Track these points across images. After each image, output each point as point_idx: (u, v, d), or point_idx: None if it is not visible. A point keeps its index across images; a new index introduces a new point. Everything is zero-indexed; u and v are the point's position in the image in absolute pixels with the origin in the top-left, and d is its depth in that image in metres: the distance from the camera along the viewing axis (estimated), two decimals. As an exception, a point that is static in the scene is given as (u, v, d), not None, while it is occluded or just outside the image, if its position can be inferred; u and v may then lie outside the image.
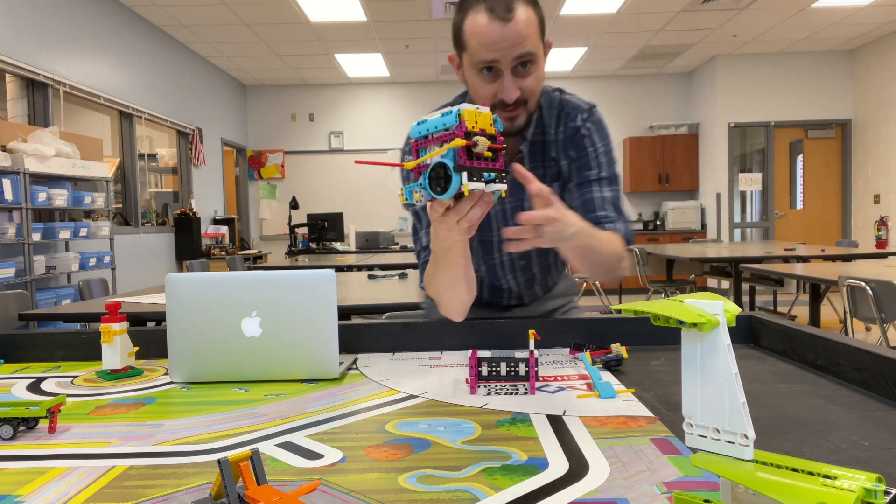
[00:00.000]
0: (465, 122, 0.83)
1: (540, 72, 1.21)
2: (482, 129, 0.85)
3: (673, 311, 0.40)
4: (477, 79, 1.19)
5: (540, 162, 1.34)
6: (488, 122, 0.86)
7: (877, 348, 0.91)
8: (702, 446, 0.41)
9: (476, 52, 1.16)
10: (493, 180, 0.86)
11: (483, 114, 0.86)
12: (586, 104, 1.37)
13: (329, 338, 1.04)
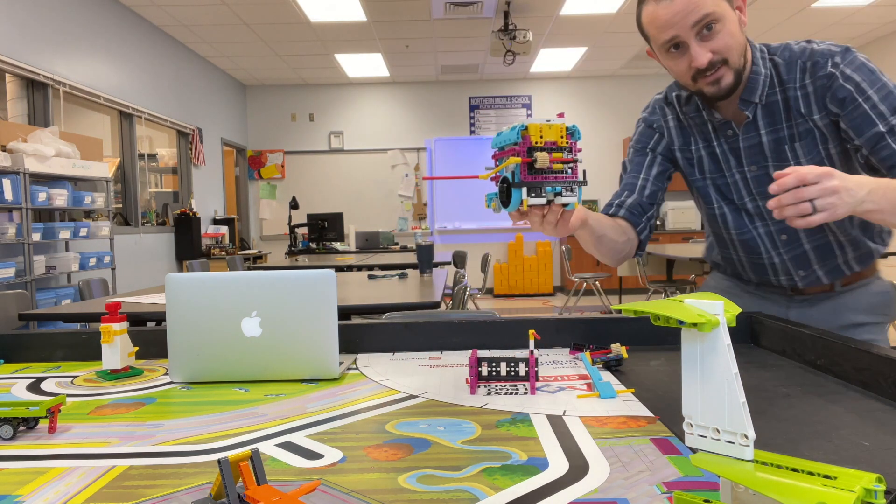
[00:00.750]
0: (528, 137, 0.85)
1: (729, 27, 1.17)
2: (552, 142, 0.85)
3: (673, 311, 0.40)
4: (668, 60, 1.22)
5: (782, 123, 1.24)
6: (558, 133, 0.86)
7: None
8: (702, 446, 0.41)
9: (656, 36, 1.20)
10: (559, 193, 0.87)
11: (553, 126, 0.86)
12: (838, 48, 1.21)
13: (329, 338, 1.04)
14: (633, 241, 1.35)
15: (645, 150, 1.41)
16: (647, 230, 1.37)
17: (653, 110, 1.42)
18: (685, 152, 1.38)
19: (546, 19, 6.65)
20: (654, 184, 1.37)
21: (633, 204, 1.36)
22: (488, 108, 9.33)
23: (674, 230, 8.78)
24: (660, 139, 1.40)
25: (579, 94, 9.31)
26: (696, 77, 1.20)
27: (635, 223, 1.35)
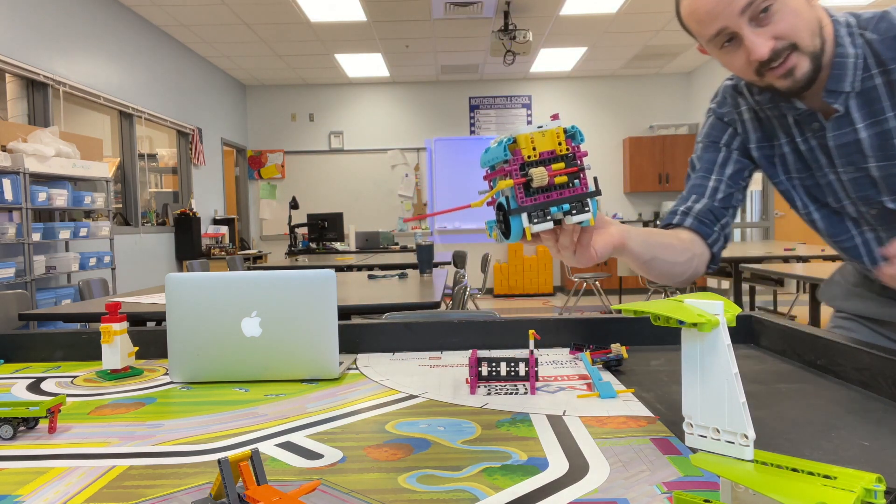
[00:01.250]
0: (519, 151, 0.74)
1: (792, 4, 0.95)
2: (548, 153, 0.74)
3: (673, 311, 0.40)
4: (723, 56, 1.01)
5: (886, 112, 1.00)
6: (554, 140, 0.74)
7: (877, 348, 0.91)
8: (702, 446, 0.41)
9: (702, 32, 1.00)
10: (569, 211, 0.75)
11: (547, 132, 0.74)
12: None
13: (329, 338, 1.04)
14: (701, 257, 1.13)
15: (717, 146, 1.19)
16: (722, 240, 1.16)
17: (722, 100, 1.20)
18: (764, 149, 1.15)
19: (546, 19, 6.65)
20: (728, 185, 1.15)
21: (703, 210, 1.15)
22: (488, 108, 9.33)
23: (674, 230, 8.78)
24: (733, 134, 1.18)
25: (579, 94, 9.31)
26: (760, 71, 0.98)
27: (705, 233, 1.14)
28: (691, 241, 1.12)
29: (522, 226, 0.75)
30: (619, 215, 9.22)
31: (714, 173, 1.17)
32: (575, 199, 0.75)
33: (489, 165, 0.80)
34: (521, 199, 0.74)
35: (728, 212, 1.17)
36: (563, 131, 0.75)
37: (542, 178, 0.73)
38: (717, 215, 1.15)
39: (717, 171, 1.17)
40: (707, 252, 1.15)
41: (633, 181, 9.06)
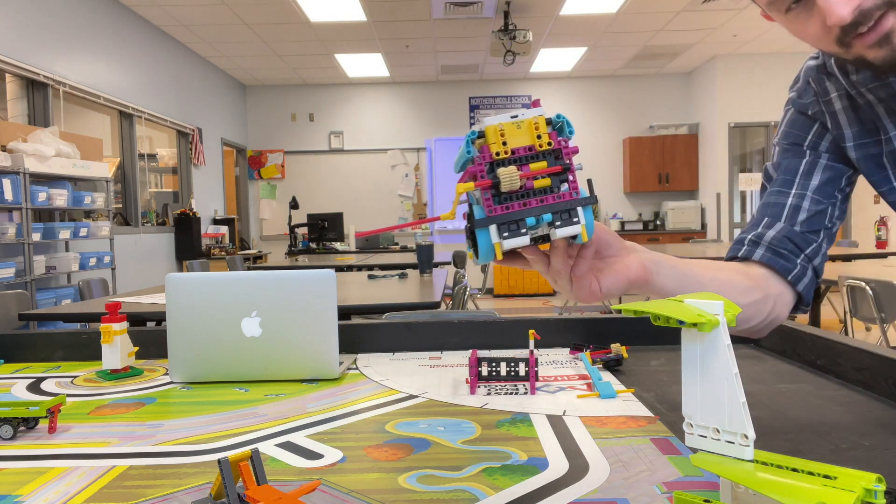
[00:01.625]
0: (487, 147, 0.58)
1: None
2: (525, 148, 0.58)
3: (673, 310, 0.40)
4: (792, 23, 0.75)
5: None
6: (532, 133, 0.59)
7: (877, 348, 0.91)
8: (702, 446, 0.41)
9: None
10: (552, 223, 0.59)
11: (523, 123, 0.59)
12: None
13: (329, 338, 1.04)
14: (780, 298, 0.85)
15: (799, 149, 0.91)
16: (811, 275, 0.86)
17: (804, 87, 0.91)
18: (867, 147, 0.86)
19: (546, 19, 6.65)
20: (816, 201, 0.87)
21: (778, 238, 0.86)
22: (488, 108, 9.33)
23: (674, 230, 8.78)
24: (821, 131, 0.89)
25: (579, 94, 9.31)
26: (843, 40, 0.70)
27: (783, 268, 0.85)
28: (764, 277, 0.85)
29: (490, 241, 0.59)
30: (619, 215, 9.22)
31: (795, 187, 0.89)
32: (559, 207, 0.59)
33: (460, 167, 0.64)
34: (488, 207, 0.58)
35: (818, 236, 0.87)
36: (546, 122, 0.59)
37: (511, 181, 0.57)
38: (800, 243, 0.86)
39: (799, 183, 0.89)
40: (789, 292, 0.85)
41: (634, 181, 9.06)
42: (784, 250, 0.86)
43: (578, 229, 0.59)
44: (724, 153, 8.36)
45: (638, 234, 8.83)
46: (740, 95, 8.30)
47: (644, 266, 0.71)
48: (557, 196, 0.59)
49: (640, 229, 8.91)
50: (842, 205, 0.90)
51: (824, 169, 0.89)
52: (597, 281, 0.68)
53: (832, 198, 0.88)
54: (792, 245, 0.86)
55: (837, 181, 0.89)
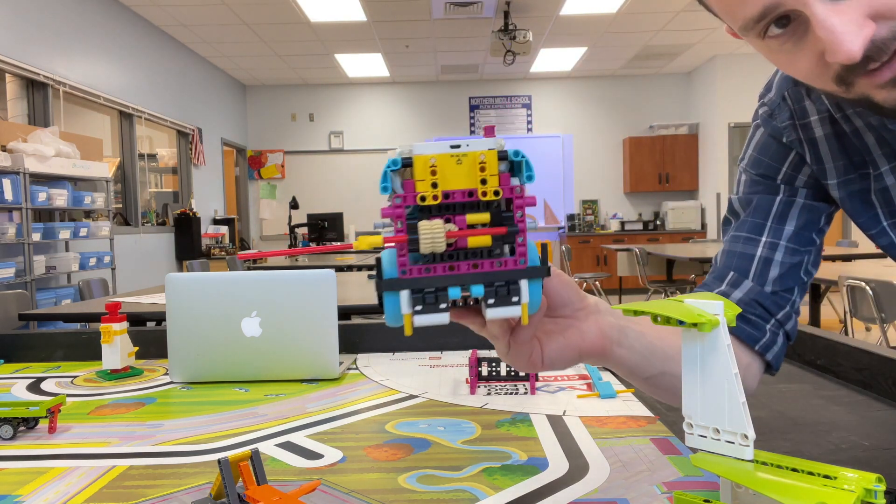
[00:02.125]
0: (412, 185, 0.44)
1: None
2: (463, 193, 0.44)
3: (673, 310, 0.40)
4: (774, 53, 0.56)
5: None
6: (474, 173, 0.44)
7: (877, 348, 0.91)
8: (702, 446, 0.41)
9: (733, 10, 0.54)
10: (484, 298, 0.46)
11: (466, 158, 0.44)
12: None
13: (329, 338, 1.04)
14: (748, 370, 0.71)
15: (772, 183, 0.75)
16: (781, 342, 0.72)
17: (778, 102, 0.74)
18: (851, 184, 0.70)
19: (546, 19, 6.65)
20: (792, 250, 0.73)
21: (747, 301, 0.72)
22: (488, 108, 9.33)
23: (674, 230, 8.79)
24: (798, 163, 0.73)
25: (579, 94, 9.31)
26: (845, 78, 0.53)
27: (752, 338, 0.71)
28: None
29: (399, 310, 0.45)
30: (619, 215, 9.22)
31: (766, 233, 0.74)
32: (496, 278, 0.45)
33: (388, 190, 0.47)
34: (401, 266, 0.44)
35: (791, 294, 0.73)
36: (500, 157, 0.45)
37: (434, 241, 0.43)
38: (771, 307, 0.72)
39: (770, 228, 0.74)
40: (757, 362, 0.72)
41: (634, 181, 9.06)
42: (752, 315, 0.72)
43: (517, 311, 0.46)
44: (724, 153, 8.36)
45: (638, 233, 8.83)
46: (740, 95, 8.30)
47: (604, 334, 0.58)
48: (498, 262, 0.45)
49: (640, 229, 8.91)
50: (819, 248, 0.76)
51: (801, 210, 0.74)
52: (540, 348, 0.55)
53: (809, 244, 0.74)
54: (761, 310, 0.72)
55: (816, 222, 0.74)
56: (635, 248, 6.04)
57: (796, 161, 0.74)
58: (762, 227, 0.74)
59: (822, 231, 0.75)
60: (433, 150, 0.44)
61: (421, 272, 0.45)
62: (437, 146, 0.45)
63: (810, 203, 0.74)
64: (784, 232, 0.73)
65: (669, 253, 5.46)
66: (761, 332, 0.72)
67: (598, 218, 9.26)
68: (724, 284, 0.74)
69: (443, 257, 0.45)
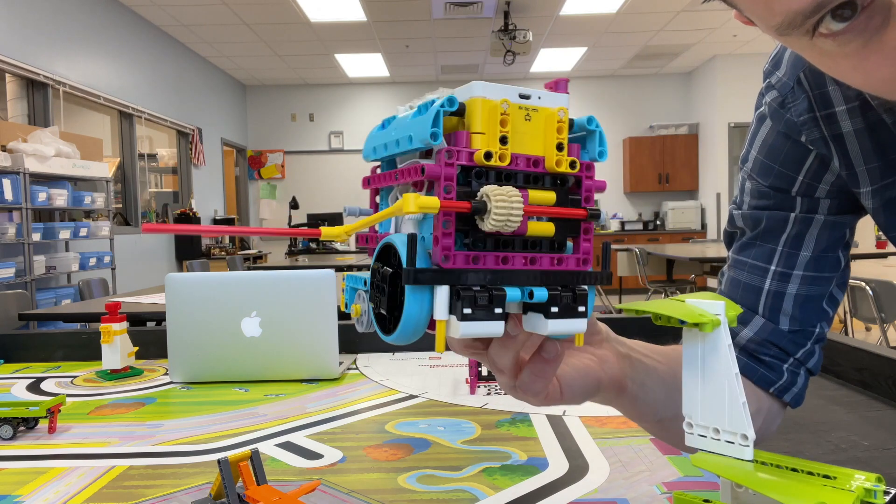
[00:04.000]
0: (467, 137, 0.33)
1: None
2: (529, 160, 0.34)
3: (674, 310, 0.39)
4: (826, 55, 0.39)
5: None
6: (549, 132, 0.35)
7: (877, 348, 0.91)
8: (701, 446, 0.41)
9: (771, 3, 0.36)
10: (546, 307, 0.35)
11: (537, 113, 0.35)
12: None
13: (329, 338, 1.04)
14: (769, 413, 0.61)
15: (786, 196, 0.60)
16: (802, 380, 0.61)
17: (792, 90, 0.57)
18: (890, 189, 0.55)
19: (546, 19, 6.65)
20: (811, 280, 0.59)
21: (760, 341, 0.61)
22: (488, 108, 9.33)
23: (674, 230, 8.78)
24: (819, 169, 0.58)
25: (579, 94, 9.32)
26: None
27: (765, 381, 0.60)
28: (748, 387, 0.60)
29: (427, 312, 0.33)
30: (620, 215, 9.22)
31: (776, 261, 0.60)
32: (561, 280, 0.35)
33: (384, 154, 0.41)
34: (443, 250, 0.33)
35: (814, 328, 0.60)
36: (568, 122, 0.35)
37: (510, 214, 0.32)
38: (788, 347, 0.60)
39: (782, 255, 0.60)
40: (775, 404, 0.61)
41: (634, 181, 9.06)
42: (766, 356, 0.60)
43: (578, 326, 0.36)
44: (724, 153, 8.36)
45: (638, 233, 8.83)
46: (740, 95, 8.30)
47: (619, 364, 0.50)
48: (557, 258, 0.36)
49: (640, 229, 8.91)
50: (846, 266, 0.61)
51: (822, 229, 0.59)
52: (556, 379, 0.45)
53: (833, 268, 0.59)
54: (777, 350, 0.60)
55: (840, 239, 0.60)
56: (635, 248, 6.04)
57: (816, 166, 0.58)
58: (771, 254, 0.60)
59: (848, 245, 0.61)
60: (499, 93, 0.34)
61: (468, 262, 0.33)
62: (503, 90, 0.34)
63: (833, 219, 0.59)
64: (799, 259, 0.59)
65: (669, 253, 5.46)
66: (777, 374, 0.60)
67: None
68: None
69: (496, 244, 0.34)
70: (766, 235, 0.60)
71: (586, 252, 0.36)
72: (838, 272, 0.60)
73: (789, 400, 0.61)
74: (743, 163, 0.64)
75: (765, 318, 0.60)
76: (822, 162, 0.57)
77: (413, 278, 0.32)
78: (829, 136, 0.56)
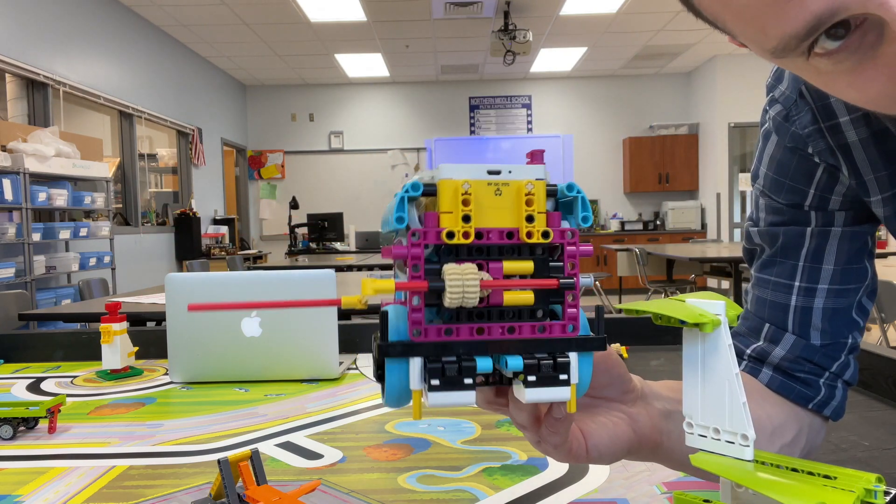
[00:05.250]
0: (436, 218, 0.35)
1: None
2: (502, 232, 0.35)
3: (674, 310, 0.39)
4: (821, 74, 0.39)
5: None
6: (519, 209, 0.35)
7: (877, 348, 0.91)
8: (701, 446, 0.41)
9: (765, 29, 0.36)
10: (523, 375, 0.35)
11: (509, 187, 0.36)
12: None
13: (329, 338, 1.04)
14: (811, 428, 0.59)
15: (799, 212, 0.60)
16: (840, 393, 0.60)
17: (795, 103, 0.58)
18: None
19: (546, 19, 6.65)
20: (836, 293, 0.59)
21: (794, 358, 0.59)
22: (488, 108, 9.33)
23: (674, 230, 8.78)
24: (829, 180, 0.58)
25: (579, 94, 9.31)
26: None
27: (803, 397, 0.59)
28: (780, 406, 0.59)
29: (405, 384, 0.35)
30: (620, 215, 9.22)
31: (799, 276, 0.60)
32: (541, 347, 0.36)
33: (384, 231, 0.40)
34: (413, 324, 0.34)
35: (846, 340, 0.60)
36: (545, 189, 0.36)
37: (466, 292, 0.33)
38: (823, 361, 0.59)
39: (804, 270, 0.60)
40: (816, 419, 0.60)
41: (633, 181, 9.06)
42: (801, 373, 0.59)
43: (565, 394, 0.36)
44: (724, 153, 8.36)
45: (638, 233, 8.83)
46: (740, 95, 8.30)
47: (655, 426, 0.48)
48: (540, 326, 0.36)
49: (640, 229, 8.91)
50: (873, 274, 0.60)
51: (841, 241, 0.58)
52: (583, 438, 0.44)
53: (859, 278, 0.59)
54: (811, 365, 0.59)
55: (862, 248, 0.59)
56: (635, 248, 6.04)
57: (826, 179, 0.57)
58: (793, 270, 0.60)
59: (872, 254, 0.61)
60: (465, 173, 0.35)
61: (440, 334, 0.34)
62: (470, 169, 0.35)
63: (850, 230, 0.58)
64: (822, 273, 0.59)
65: (669, 253, 5.46)
66: (814, 390, 0.59)
67: (598, 218, 9.25)
68: (761, 339, 0.61)
69: (469, 316, 0.35)
70: (786, 252, 0.60)
71: (572, 318, 0.36)
72: (865, 282, 0.60)
73: (829, 414, 0.60)
74: (754, 179, 0.64)
75: (795, 334, 0.60)
76: (831, 174, 0.57)
77: (385, 352, 0.34)
78: (836, 145, 0.55)
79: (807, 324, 0.59)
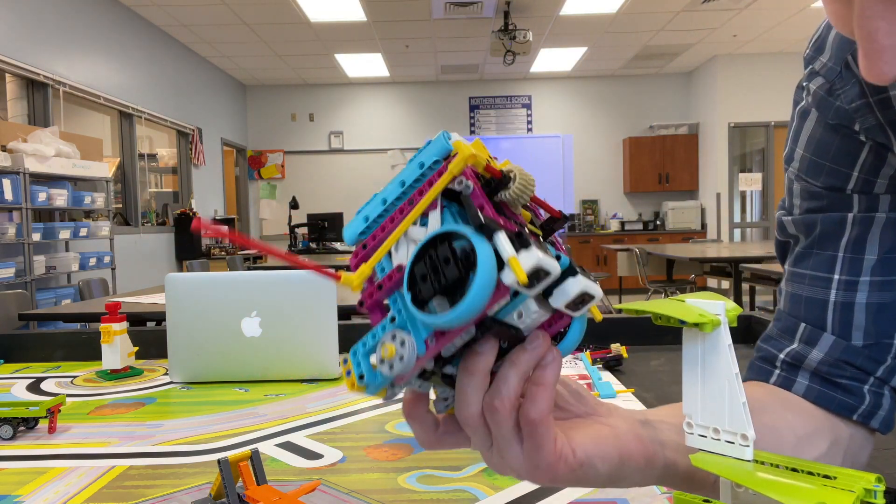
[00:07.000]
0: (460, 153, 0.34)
1: None
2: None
3: (674, 310, 0.39)
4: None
5: None
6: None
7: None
8: (701, 446, 0.41)
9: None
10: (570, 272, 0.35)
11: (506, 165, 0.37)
12: None
13: (329, 338, 1.04)
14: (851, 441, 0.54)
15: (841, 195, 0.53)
16: (888, 401, 0.54)
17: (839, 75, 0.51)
18: None
19: (546, 19, 6.65)
20: (880, 285, 0.52)
21: (833, 362, 0.53)
22: (488, 108, 9.33)
23: (674, 230, 8.78)
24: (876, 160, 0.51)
25: (579, 94, 9.32)
26: None
27: (846, 407, 0.53)
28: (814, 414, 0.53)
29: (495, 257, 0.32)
30: (620, 215, 9.22)
31: (839, 268, 0.54)
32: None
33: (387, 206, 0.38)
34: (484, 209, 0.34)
35: (892, 343, 0.53)
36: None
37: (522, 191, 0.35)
38: (866, 365, 0.53)
39: (845, 261, 0.53)
40: (860, 431, 0.54)
41: (633, 181, 9.06)
42: (842, 379, 0.53)
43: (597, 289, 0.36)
44: (724, 153, 8.36)
45: (638, 233, 8.83)
46: (740, 95, 8.30)
47: (639, 436, 0.44)
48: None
49: (640, 229, 8.91)
50: None
51: (885, 227, 0.52)
52: (558, 441, 0.40)
53: None
54: (853, 370, 0.52)
55: None
56: (635, 248, 6.04)
57: (872, 159, 0.51)
58: (832, 262, 0.53)
59: None
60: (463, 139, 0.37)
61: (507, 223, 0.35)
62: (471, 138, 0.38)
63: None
64: (864, 263, 0.52)
65: (669, 253, 5.46)
66: (858, 398, 0.53)
67: (598, 218, 9.26)
68: (796, 341, 0.55)
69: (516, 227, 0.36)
70: (824, 241, 0.54)
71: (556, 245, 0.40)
72: None
73: (878, 426, 0.53)
74: (788, 163, 0.57)
75: (835, 335, 0.53)
76: (877, 154, 0.51)
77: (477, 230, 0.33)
78: (886, 121, 0.49)
79: (848, 322, 0.53)
